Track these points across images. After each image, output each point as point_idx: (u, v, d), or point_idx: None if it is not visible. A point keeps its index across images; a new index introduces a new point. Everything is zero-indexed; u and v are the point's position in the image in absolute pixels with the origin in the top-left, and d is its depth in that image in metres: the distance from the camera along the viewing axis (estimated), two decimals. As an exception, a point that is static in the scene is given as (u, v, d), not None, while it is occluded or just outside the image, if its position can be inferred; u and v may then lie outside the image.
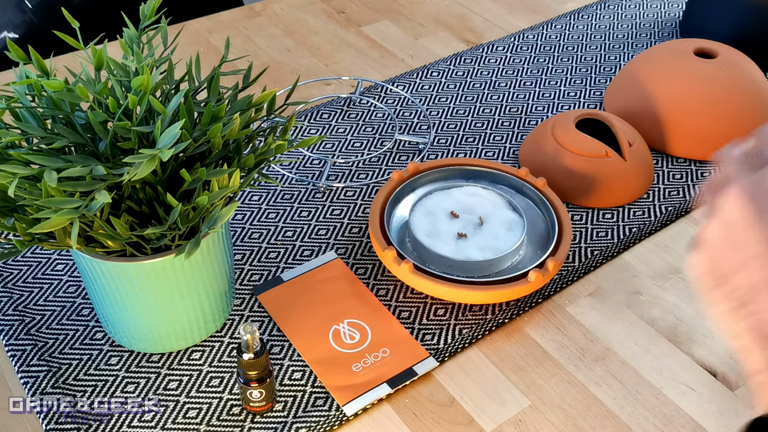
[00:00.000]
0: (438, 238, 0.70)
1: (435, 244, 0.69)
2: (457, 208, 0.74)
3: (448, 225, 0.72)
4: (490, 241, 0.70)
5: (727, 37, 0.98)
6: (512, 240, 0.70)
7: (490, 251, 0.69)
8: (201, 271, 0.59)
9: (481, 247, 0.70)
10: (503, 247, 0.69)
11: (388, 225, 0.72)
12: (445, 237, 0.71)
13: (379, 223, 0.71)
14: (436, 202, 0.74)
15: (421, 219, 0.72)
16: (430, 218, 0.72)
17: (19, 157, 0.49)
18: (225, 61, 0.61)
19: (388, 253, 0.67)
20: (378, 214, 0.72)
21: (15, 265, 0.72)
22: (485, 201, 0.74)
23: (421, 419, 0.60)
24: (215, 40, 1.10)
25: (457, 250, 0.69)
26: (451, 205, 0.74)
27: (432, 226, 0.72)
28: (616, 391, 0.62)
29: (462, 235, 0.71)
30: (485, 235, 0.71)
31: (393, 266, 0.67)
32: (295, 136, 0.91)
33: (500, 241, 0.70)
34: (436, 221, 0.72)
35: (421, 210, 0.73)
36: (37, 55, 0.53)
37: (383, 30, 1.14)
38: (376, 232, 0.70)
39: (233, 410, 0.60)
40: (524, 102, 0.98)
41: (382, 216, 0.72)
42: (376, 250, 0.69)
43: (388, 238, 0.70)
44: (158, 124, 0.49)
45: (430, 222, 0.72)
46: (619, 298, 0.71)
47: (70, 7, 1.28)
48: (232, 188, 0.53)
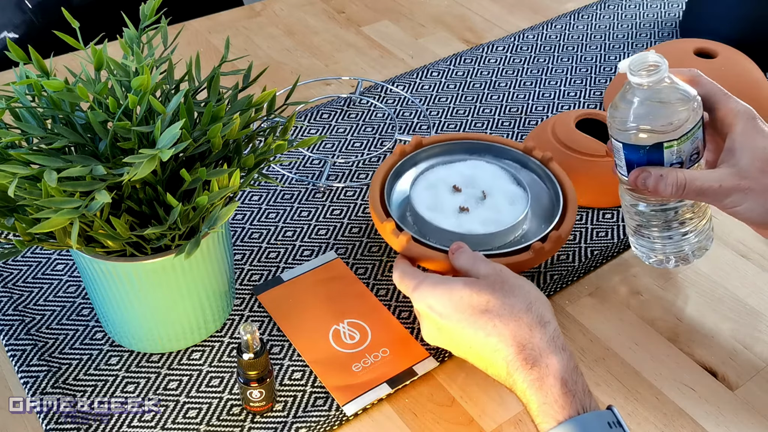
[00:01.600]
0: (439, 212, 0.69)
1: (436, 218, 0.68)
2: (459, 181, 0.72)
3: (450, 199, 0.70)
4: (492, 214, 0.69)
5: (727, 37, 0.98)
6: (515, 214, 0.69)
7: (493, 225, 0.68)
8: (201, 271, 0.59)
9: (484, 221, 0.68)
10: (506, 221, 0.68)
11: (389, 199, 0.70)
12: (447, 211, 0.69)
13: (379, 195, 0.70)
14: (439, 175, 0.73)
15: (423, 192, 0.71)
16: (432, 192, 0.71)
17: (19, 157, 0.49)
18: (225, 61, 0.61)
19: (387, 225, 0.65)
20: (379, 186, 0.70)
21: (15, 265, 0.72)
22: (488, 175, 0.73)
23: (421, 419, 0.60)
24: (215, 40, 1.10)
25: (458, 224, 0.68)
26: (453, 178, 0.72)
27: (434, 199, 0.70)
28: (616, 391, 0.62)
29: (464, 209, 0.69)
30: (488, 209, 0.69)
31: (391, 238, 0.65)
32: (295, 136, 0.91)
33: (503, 214, 0.69)
34: (437, 195, 0.71)
35: (422, 183, 0.72)
36: (37, 55, 0.53)
37: (383, 30, 1.14)
38: (376, 204, 0.68)
39: (233, 410, 0.60)
40: (524, 102, 0.98)
41: (383, 189, 0.70)
42: (375, 223, 0.67)
43: (387, 211, 0.68)
44: (158, 124, 0.49)
45: (431, 195, 0.70)
46: (619, 298, 0.71)
47: (70, 7, 1.28)
48: (232, 188, 0.53)
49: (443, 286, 0.57)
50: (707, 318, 0.69)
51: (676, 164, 0.59)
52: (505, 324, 0.54)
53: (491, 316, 0.55)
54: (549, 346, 0.53)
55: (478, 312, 0.55)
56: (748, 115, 0.59)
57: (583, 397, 0.51)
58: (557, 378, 0.51)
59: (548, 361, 0.52)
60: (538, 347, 0.53)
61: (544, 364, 0.52)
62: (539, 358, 0.52)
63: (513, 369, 0.53)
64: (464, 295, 0.56)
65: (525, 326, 0.54)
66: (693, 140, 0.58)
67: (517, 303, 0.55)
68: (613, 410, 0.51)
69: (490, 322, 0.54)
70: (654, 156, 0.59)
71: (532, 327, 0.54)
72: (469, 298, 0.56)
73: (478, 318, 0.55)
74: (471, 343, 0.56)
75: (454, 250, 0.62)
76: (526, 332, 0.54)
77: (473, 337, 0.55)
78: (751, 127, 0.58)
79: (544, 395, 0.51)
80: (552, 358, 0.52)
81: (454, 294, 0.56)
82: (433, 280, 0.58)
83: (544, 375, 0.52)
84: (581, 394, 0.51)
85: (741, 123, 0.59)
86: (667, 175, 0.58)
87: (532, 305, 0.55)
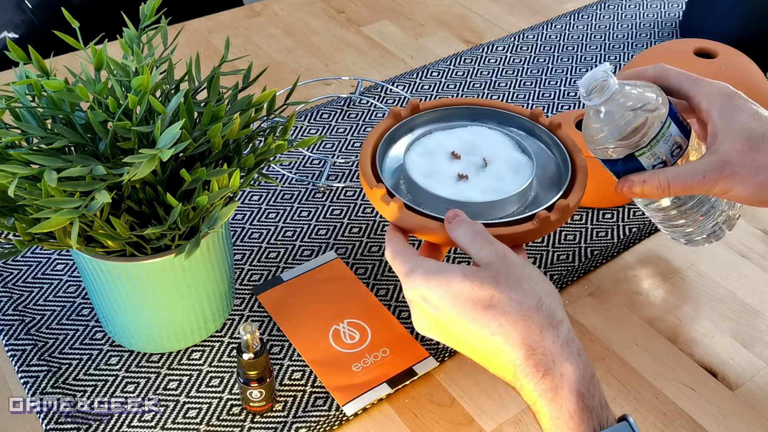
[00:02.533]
0: (435, 179, 0.62)
1: (431, 185, 0.61)
2: (459, 148, 0.66)
3: (447, 166, 0.64)
4: (494, 182, 0.62)
5: (727, 37, 0.98)
6: (519, 182, 0.62)
7: (493, 193, 0.61)
8: (201, 271, 0.59)
9: (483, 189, 0.62)
10: (508, 189, 0.61)
11: (381, 165, 0.64)
12: (444, 178, 0.63)
13: (370, 160, 0.63)
14: (437, 141, 0.66)
15: (418, 159, 0.64)
16: (429, 158, 0.65)
17: (19, 157, 0.49)
18: (225, 61, 0.61)
19: (377, 191, 0.59)
20: (370, 150, 0.64)
21: (15, 265, 0.72)
22: (491, 141, 0.66)
23: (421, 419, 0.60)
24: (215, 40, 1.10)
25: (456, 192, 0.61)
26: (452, 145, 0.66)
27: (430, 166, 0.64)
28: (616, 391, 0.62)
29: (463, 176, 0.63)
30: (489, 177, 0.63)
31: (382, 206, 0.59)
32: (295, 136, 0.91)
33: (506, 183, 0.62)
34: (435, 161, 0.64)
35: (418, 149, 0.65)
36: (37, 55, 0.53)
37: (383, 30, 1.14)
38: (366, 169, 0.62)
39: (233, 410, 0.60)
40: (524, 102, 0.98)
41: (375, 153, 0.64)
42: (365, 189, 0.61)
43: (378, 176, 0.62)
44: (158, 124, 0.49)
45: (427, 162, 0.64)
46: (619, 298, 0.71)
47: (70, 7, 1.28)
48: (232, 188, 0.53)
49: (439, 276, 0.51)
50: (707, 318, 0.69)
51: (658, 165, 0.58)
52: (513, 323, 0.48)
53: (496, 313, 0.49)
54: (563, 352, 0.48)
55: (480, 307, 0.49)
56: (723, 95, 0.58)
57: (600, 412, 0.47)
58: (573, 390, 0.46)
59: (563, 370, 0.47)
60: (550, 352, 0.48)
61: (558, 372, 0.47)
62: (552, 365, 0.47)
63: (521, 374, 0.48)
64: (464, 288, 0.50)
65: (535, 327, 0.48)
66: (666, 139, 0.58)
67: (526, 299, 0.49)
68: (629, 420, 0.47)
69: (494, 320, 0.49)
70: (632, 165, 0.59)
71: (543, 328, 0.48)
72: (470, 292, 0.49)
73: (481, 314, 0.49)
74: (472, 340, 0.50)
75: (451, 218, 0.55)
76: (536, 334, 0.48)
77: (475, 334, 0.50)
78: (729, 108, 0.57)
79: (558, 408, 0.46)
80: (567, 367, 0.47)
81: (452, 286, 0.50)
82: (427, 268, 0.52)
83: (558, 386, 0.47)
84: (598, 408, 0.47)
85: (717, 106, 0.57)
86: (649, 179, 0.57)
87: (542, 302, 0.49)
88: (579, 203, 0.61)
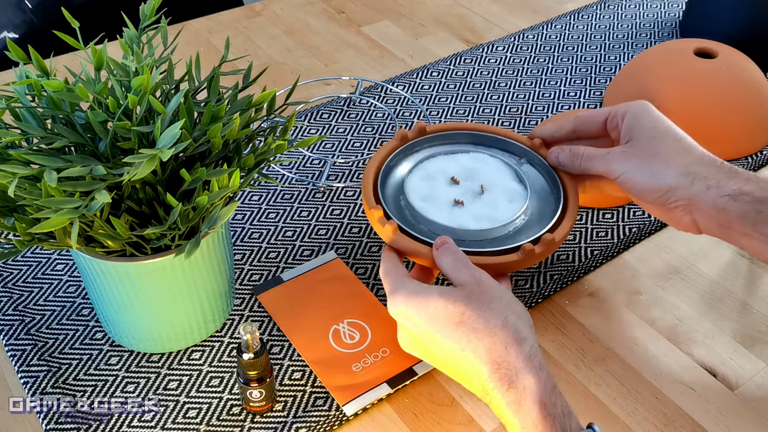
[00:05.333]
0: (433, 203, 0.66)
1: (428, 209, 0.65)
2: (458, 174, 0.69)
3: (446, 191, 0.67)
4: (487, 210, 0.65)
5: (727, 37, 0.98)
6: (512, 212, 0.65)
7: (486, 221, 0.64)
8: (201, 271, 0.59)
9: (477, 217, 0.65)
10: (501, 218, 0.64)
11: (384, 185, 0.67)
12: (441, 203, 0.66)
13: (372, 180, 0.66)
14: (438, 166, 0.69)
15: (419, 182, 0.68)
16: (429, 182, 0.68)
17: (19, 157, 0.49)
18: (225, 61, 0.61)
19: (374, 213, 0.62)
20: (373, 171, 0.67)
21: (15, 265, 0.72)
22: (490, 169, 0.69)
23: (421, 419, 0.60)
24: (215, 40, 1.10)
25: (450, 217, 0.64)
26: (453, 170, 0.69)
27: (429, 190, 0.67)
28: (616, 391, 0.62)
29: (459, 202, 0.66)
30: (484, 205, 0.66)
31: (378, 227, 0.62)
32: (295, 136, 0.91)
33: (499, 211, 0.65)
34: (434, 186, 0.67)
35: (420, 173, 0.69)
36: (37, 55, 0.53)
37: (383, 30, 1.14)
38: (367, 189, 0.65)
39: (233, 410, 0.60)
40: (524, 102, 0.98)
41: (377, 174, 0.67)
42: (365, 208, 0.65)
43: (378, 198, 0.65)
44: (158, 124, 0.49)
45: (427, 186, 0.67)
46: (619, 298, 0.71)
47: (70, 7, 1.28)
48: (232, 188, 0.53)
49: (419, 297, 0.55)
50: (707, 318, 0.69)
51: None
52: (480, 339, 0.52)
53: (466, 329, 0.53)
54: (526, 366, 0.51)
55: (453, 324, 0.53)
56: (637, 104, 0.65)
57: (564, 420, 0.49)
58: (535, 401, 0.49)
59: (525, 383, 0.50)
60: (514, 366, 0.51)
61: (521, 385, 0.50)
62: (516, 378, 0.50)
63: (489, 388, 0.51)
64: (439, 306, 0.54)
65: (500, 343, 0.52)
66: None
67: (493, 317, 0.53)
68: (594, 428, 0.49)
69: (464, 336, 0.52)
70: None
71: (508, 344, 0.52)
72: (444, 309, 0.53)
73: (453, 330, 0.53)
74: (445, 355, 0.54)
75: (439, 245, 0.59)
76: (501, 349, 0.51)
77: (448, 349, 0.53)
78: (640, 110, 0.64)
79: (523, 419, 0.49)
80: (529, 379, 0.50)
81: (429, 305, 0.54)
82: (409, 289, 0.56)
83: (522, 398, 0.49)
84: (561, 416, 0.49)
85: (630, 112, 0.64)
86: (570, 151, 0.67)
87: (508, 320, 0.53)
88: (566, 237, 0.64)
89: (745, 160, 0.88)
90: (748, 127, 0.87)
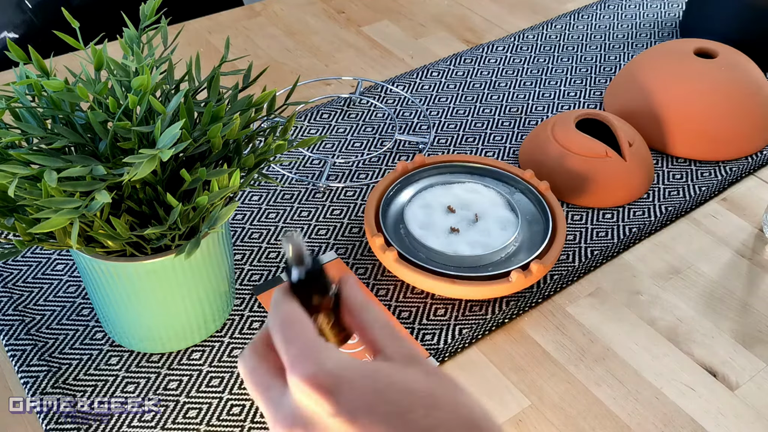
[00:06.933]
0: (430, 231, 0.71)
1: (426, 236, 0.70)
2: (454, 203, 0.74)
3: (442, 219, 0.73)
4: (481, 237, 0.71)
5: (727, 37, 0.98)
6: (504, 238, 0.71)
7: (480, 248, 0.70)
8: (201, 271, 0.59)
9: (471, 243, 0.70)
10: (493, 245, 0.70)
11: (385, 213, 0.74)
12: (438, 230, 0.71)
13: (375, 209, 0.73)
14: (435, 195, 0.75)
15: (417, 211, 0.73)
16: (427, 211, 0.73)
17: (19, 157, 0.49)
18: (225, 61, 0.61)
19: (376, 240, 0.68)
20: (376, 200, 0.73)
21: (15, 265, 0.72)
22: (484, 198, 0.75)
23: (421, 419, 0.60)
24: (215, 40, 1.10)
25: (447, 244, 0.70)
26: (449, 199, 0.75)
27: (427, 218, 0.73)
28: (616, 391, 0.62)
29: (455, 229, 0.71)
30: (478, 232, 0.71)
31: (379, 253, 0.68)
32: (295, 136, 0.91)
33: (492, 238, 0.71)
34: (431, 214, 0.73)
35: (419, 202, 0.75)
36: (37, 55, 0.53)
37: (383, 30, 1.14)
38: (369, 217, 0.71)
39: (233, 410, 0.60)
40: (524, 102, 0.98)
41: (379, 203, 0.73)
42: (367, 235, 0.71)
43: (379, 225, 0.71)
44: (158, 124, 0.49)
45: (425, 214, 0.73)
46: (619, 298, 0.71)
47: (70, 7, 1.28)
48: (232, 188, 0.53)
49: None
50: (707, 318, 0.69)
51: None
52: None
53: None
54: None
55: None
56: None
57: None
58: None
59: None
60: None
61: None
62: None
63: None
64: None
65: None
66: None
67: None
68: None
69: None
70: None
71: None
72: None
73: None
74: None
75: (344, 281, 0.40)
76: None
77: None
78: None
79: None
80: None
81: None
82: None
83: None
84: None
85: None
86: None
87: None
88: (555, 262, 0.69)
89: (745, 160, 0.88)
90: (748, 127, 0.87)
